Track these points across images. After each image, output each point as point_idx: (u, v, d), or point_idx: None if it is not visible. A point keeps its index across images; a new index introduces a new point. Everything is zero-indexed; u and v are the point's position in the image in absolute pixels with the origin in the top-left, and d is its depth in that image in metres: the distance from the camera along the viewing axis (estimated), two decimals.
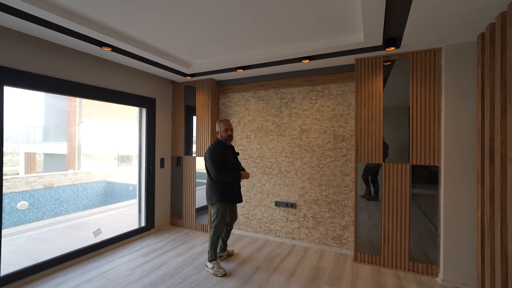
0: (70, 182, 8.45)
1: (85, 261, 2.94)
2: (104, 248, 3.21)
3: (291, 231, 3.54)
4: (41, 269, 2.63)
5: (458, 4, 1.89)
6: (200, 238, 3.65)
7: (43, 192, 7.78)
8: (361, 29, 2.42)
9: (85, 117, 13.89)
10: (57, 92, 2.76)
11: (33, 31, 2.39)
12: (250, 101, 3.83)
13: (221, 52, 3.03)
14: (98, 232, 3.24)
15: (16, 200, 7.14)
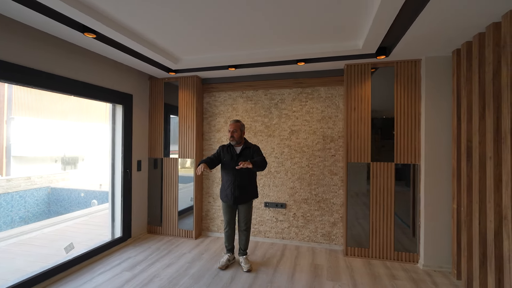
0: (2, 191, 7.09)
1: (56, 283, 2.50)
2: (77, 266, 2.77)
3: (281, 231, 3.57)
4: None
5: (442, 25, 2.15)
6: (186, 245, 3.43)
7: None
8: (359, 37, 2.58)
9: (16, 114, 11.85)
10: (25, 84, 2.29)
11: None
12: (238, 101, 3.75)
13: (214, 49, 2.90)
14: (70, 248, 2.78)
15: None
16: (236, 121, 2.84)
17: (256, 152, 2.80)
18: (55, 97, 12.33)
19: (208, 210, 3.86)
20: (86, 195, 8.26)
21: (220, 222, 3.81)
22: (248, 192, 2.82)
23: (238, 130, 2.81)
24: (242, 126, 2.86)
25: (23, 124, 11.84)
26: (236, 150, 2.85)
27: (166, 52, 2.99)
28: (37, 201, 7.94)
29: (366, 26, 2.29)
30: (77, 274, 2.68)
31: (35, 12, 2.00)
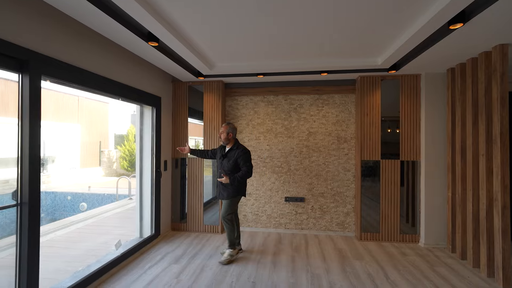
0: None
1: (113, 277, 2.62)
2: (123, 262, 2.89)
3: (300, 222, 3.98)
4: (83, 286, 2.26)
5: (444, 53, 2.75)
6: (216, 239, 3.67)
7: None
8: (378, 55, 3.09)
9: None
10: (85, 86, 2.39)
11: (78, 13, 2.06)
12: (259, 104, 4.08)
13: (247, 57, 3.20)
14: (119, 245, 2.86)
15: None
16: (226, 124, 3.09)
17: (241, 157, 2.96)
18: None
19: None
20: (73, 198, 7.86)
21: (242, 217, 4.10)
22: (227, 191, 3.02)
23: (225, 132, 3.05)
24: (230, 128, 3.06)
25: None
26: (225, 150, 3.13)
27: (206, 58, 3.22)
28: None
29: (390, 50, 2.81)
30: (126, 269, 2.80)
31: (108, 19, 2.15)
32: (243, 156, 2.99)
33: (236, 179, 2.92)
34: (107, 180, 12.29)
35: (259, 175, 4.06)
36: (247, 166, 2.98)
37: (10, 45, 1.71)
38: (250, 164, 3.02)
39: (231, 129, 3.08)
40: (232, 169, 3.00)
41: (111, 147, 16.99)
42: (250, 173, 2.99)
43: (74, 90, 9.32)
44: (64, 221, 4.93)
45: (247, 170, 2.96)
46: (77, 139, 14.86)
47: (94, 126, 16.40)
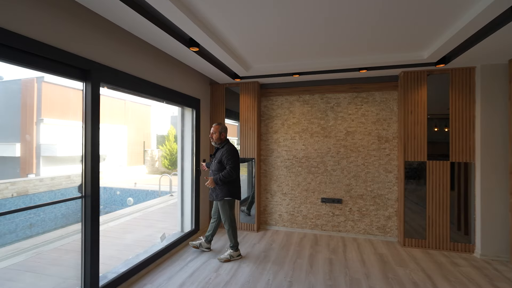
0: (46, 188, 7.46)
1: (158, 267, 2.83)
2: (167, 254, 3.10)
3: (337, 224, 3.87)
4: (132, 274, 2.51)
5: (506, 41, 2.45)
6: (252, 237, 3.75)
7: (15, 201, 6.72)
8: (424, 49, 2.87)
9: (45, 115, 12.26)
10: (136, 91, 2.62)
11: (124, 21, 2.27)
12: (295, 104, 4.06)
13: (284, 58, 3.20)
14: (163, 237, 3.10)
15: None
16: (216, 124, 3.05)
17: (224, 156, 2.93)
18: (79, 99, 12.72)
19: (266, 205, 4.17)
20: (122, 193, 8.63)
21: (278, 216, 4.12)
22: (215, 192, 2.98)
23: (217, 132, 3.01)
24: (222, 128, 3.03)
25: (51, 125, 12.27)
26: (218, 150, 3.10)
27: (243, 60, 3.30)
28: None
29: (438, 42, 2.60)
30: (170, 261, 3.00)
31: (155, 28, 2.32)
32: (226, 154, 2.92)
33: (219, 179, 2.87)
34: (150, 178, 13.23)
35: (295, 175, 4.04)
36: (230, 165, 2.87)
37: (76, 57, 1.95)
38: (233, 163, 2.88)
39: (223, 128, 3.04)
40: (218, 170, 2.98)
41: (153, 147, 18.27)
42: (233, 173, 2.87)
43: (121, 94, 10.11)
44: (114, 214, 5.44)
45: (229, 169, 2.86)
46: (124, 139, 16.26)
47: (139, 127, 17.77)
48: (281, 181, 4.11)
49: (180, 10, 1.96)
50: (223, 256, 3.00)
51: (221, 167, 2.96)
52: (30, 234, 6.53)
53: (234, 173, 2.89)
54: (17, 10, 1.59)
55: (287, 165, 4.08)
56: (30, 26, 1.65)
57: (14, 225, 6.32)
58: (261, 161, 4.20)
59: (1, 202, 6.49)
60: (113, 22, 2.25)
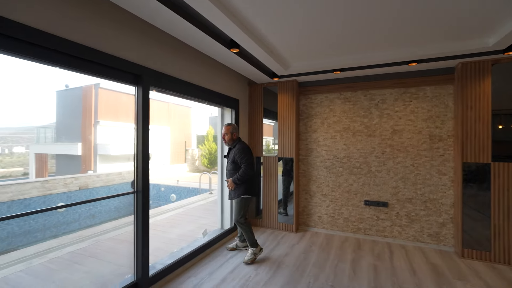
0: (102, 183, 8.33)
1: (202, 261, 2.95)
2: (208, 250, 3.22)
3: (382, 229, 3.63)
4: (178, 266, 2.67)
5: None
6: (291, 238, 3.70)
7: (78, 194, 7.63)
8: (490, 35, 2.53)
9: (100, 118, 13.64)
10: (180, 93, 2.77)
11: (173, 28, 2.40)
12: (335, 102, 3.90)
13: (324, 54, 3.09)
14: (205, 233, 3.24)
15: (55, 202, 7.00)
16: (227, 125, 3.03)
17: (237, 155, 2.89)
18: (128, 103, 13.91)
19: (305, 206, 4.09)
20: (166, 190, 9.23)
21: (317, 218, 4.01)
22: (235, 191, 2.95)
23: (229, 133, 3.00)
24: (233, 129, 3.02)
25: (106, 127, 13.62)
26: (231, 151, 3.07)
27: (282, 58, 3.28)
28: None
29: (508, 26, 2.26)
30: (211, 256, 3.11)
31: (198, 32, 2.41)
32: (239, 153, 2.88)
33: (237, 179, 2.85)
34: (191, 176, 13.91)
35: (335, 175, 3.89)
36: (244, 164, 2.83)
37: (130, 64, 2.13)
38: (247, 160, 2.84)
39: (234, 129, 3.03)
40: (232, 170, 2.96)
41: (193, 146, 19.19)
42: (248, 171, 2.82)
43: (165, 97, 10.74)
44: (160, 209, 5.83)
45: (244, 168, 2.83)
46: (167, 140, 17.36)
47: (180, 128, 18.81)
48: (321, 181, 3.99)
49: (221, 11, 2.01)
50: (247, 257, 2.92)
51: (236, 167, 2.93)
52: (90, 223, 7.34)
53: (249, 170, 2.85)
54: (84, 26, 1.78)
55: (327, 165, 3.94)
56: (93, 38, 1.84)
57: (78, 215, 7.18)
58: (300, 161, 4.13)
59: (68, 194, 7.41)
60: (159, 28, 2.39)
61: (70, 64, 1.75)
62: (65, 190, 7.19)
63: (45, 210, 2.33)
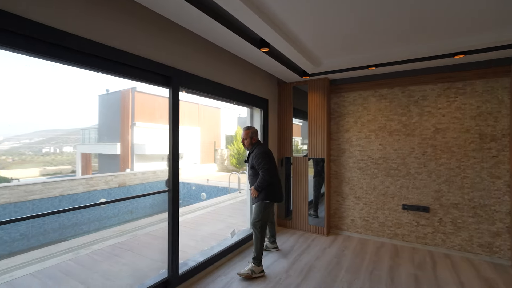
0: (139, 181, 8.84)
1: (232, 260, 2.97)
2: (238, 249, 3.23)
3: (423, 236, 3.35)
4: (208, 265, 2.73)
5: None
6: (322, 241, 3.58)
7: (117, 191, 8.20)
8: None
9: (137, 120, 14.47)
10: (210, 94, 2.82)
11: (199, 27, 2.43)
12: (370, 100, 3.70)
13: (357, 49, 2.94)
14: (234, 233, 3.27)
15: (98, 197, 7.60)
16: (246, 129, 2.90)
17: (255, 160, 2.72)
18: (162, 105, 14.61)
19: (337, 209, 3.94)
20: (197, 188, 9.54)
21: (350, 221, 3.83)
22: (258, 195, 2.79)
23: (248, 138, 2.86)
24: (252, 133, 2.87)
25: (142, 128, 14.44)
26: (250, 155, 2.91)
27: (312, 56, 3.19)
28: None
29: None
30: (240, 256, 3.12)
31: (229, 33, 2.42)
32: (256, 158, 2.71)
33: (258, 186, 2.68)
34: (220, 175, 14.21)
35: (370, 177, 3.69)
36: (262, 170, 2.64)
37: (162, 66, 2.20)
38: (265, 165, 2.65)
39: (253, 133, 2.88)
40: (252, 175, 2.82)
41: (222, 146, 19.59)
42: (266, 177, 2.63)
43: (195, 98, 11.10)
44: (191, 207, 6.03)
45: (262, 174, 2.64)
46: (197, 140, 17.93)
47: (210, 129, 19.32)
48: (354, 183, 3.81)
49: (251, 10, 1.99)
50: (243, 271, 2.63)
51: (255, 172, 2.76)
52: (127, 219, 7.84)
53: (268, 176, 2.64)
54: (121, 32, 1.88)
55: (361, 167, 3.75)
56: (128, 42, 1.94)
57: (117, 211, 7.71)
58: (331, 162, 3.99)
59: (109, 191, 7.99)
60: (187, 29, 2.41)
61: (110, 68, 1.86)
62: (106, 187, 7.78)
63: (90, 206, 2.51)
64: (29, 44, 1.46)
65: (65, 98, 14.18)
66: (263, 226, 2.71)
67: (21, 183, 6.59)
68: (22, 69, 9.71)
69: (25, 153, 19.81)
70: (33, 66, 11.02)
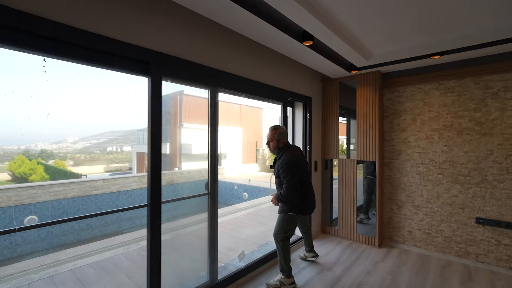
0: (185, 180, 9.29)
1: (272, 268, 2.83)
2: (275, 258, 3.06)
3: (506, 258, 2.75)
4: (248, 271, 2.64)
5: None
6: (373, 253, 3.20)
7: (166, 188, 8.74)
8: None
9: (184, 121, 15.30)
10: (250, 94, 2.71)
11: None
12: (432, 94, 3.19)
13: (422, 34, 2.51)
14: (242, 256, 3.02)
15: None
16: (273, 129, 2.52)
17: (281, 170, 2.34)
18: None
19: (391, 218, 3.49)
20: (239, 188, 9.65)
21: (407, 233, 3.36)
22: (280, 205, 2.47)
23: (274, 140, 2.48)
24: (279, 134, 2.47)
25: (188, 129, 15.23)
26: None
27: (362, 47, 2.85)
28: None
29: None
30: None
31: (269, 27, 2.26)
32: (281, 169, 2.34)
33: (280, 196, 2.36)
34: (261, 175, 14.19)
35: (432, 184, 3.18)
36: (286, 184, 2.28)
37: (205, 68, 2.15)
38: (290, 180, 2.27)
39: (280, 134, 2.48)
40: (278, 185, 2.48)
41: (264, 146, 19.63)
42: (290, 193, 2.28)
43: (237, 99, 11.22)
44: (233, 207, 6.06)
45: (286, 189, 2.29)
46: (239, 140, 18.25)
47: (252, 129, 19.51)
48: (412, 190, 3.33)
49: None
50: (272, 282, 2.46)
51: (280, 182, 2.42)
52: (171, 216, 8.28)
53: (293, 192, 2.29)
54: (167, 37, 1.87)
55: (421, 171, 3.26)
56: (174, 46, 1.92)
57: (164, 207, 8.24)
58: (384, 165, 3.55)
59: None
60: (221, 24, 2.28)
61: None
62: None
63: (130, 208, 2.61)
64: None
65: (124, 102, 15.81)
66: (286, 240, 2.44)
67: (87, 179, 7.46)
68: (87, 79, 11.33)
69: (93, 151, 22.61)
70: (92, 72, 12.74)
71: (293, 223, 2.45)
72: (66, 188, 6.67)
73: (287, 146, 2.50)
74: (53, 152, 15.92)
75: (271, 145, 2.52)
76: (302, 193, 2.42)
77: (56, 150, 16.38)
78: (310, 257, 2.99)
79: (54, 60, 1.50)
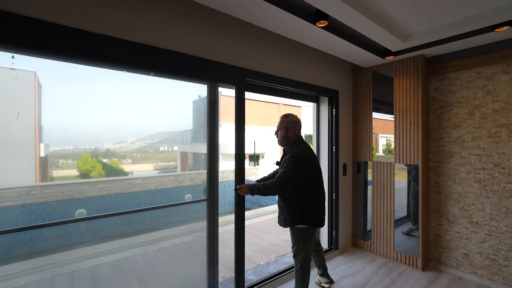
0: (220, 179, 9.36)
1: (288, 282, 2.49)
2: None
3: None
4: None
5: None
6: (414, 277, 2.62)
7: (201, 186, 8.92)
8: None
9: (223, 121, 15.59)
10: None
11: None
12: (497, 79, 2.47)
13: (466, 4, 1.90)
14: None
15: (184, 192, 8.47)
16: (283, 117, 2.16)
17: (286, 162, 1.96)
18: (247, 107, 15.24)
19: (439, 236, 2.84)
20: None
21: (462, 256, 2.68)
22: (283, 215, 2.05)
23: (282, 128, 2.10)
24: (289, 123, 2.08)
25: (226, 129, 15.48)
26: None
27: (396, 25, 2.32)
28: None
29: None
30: None
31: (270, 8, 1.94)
32: (288, 160, 1.95)
33: (256, 188, 1.95)
34: None
35: (498, 195, 2.46)
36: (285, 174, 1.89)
37: (232, 68, 1.98)
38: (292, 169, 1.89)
39: (291, 122, 2.08)
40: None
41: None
42: (278, 184, 1.87)
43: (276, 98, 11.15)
44: (260, 210, 5.80)
45: (280, 178, 1.89)
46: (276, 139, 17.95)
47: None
48: (468, 202, 2.64)
49: None
50: None
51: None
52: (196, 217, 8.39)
53: (285, 186, 1.89)
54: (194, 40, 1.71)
55: (481, 179, 2.56)
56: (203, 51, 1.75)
57: (201, 206, 8.41)
58: (430, 169, 2.91)
59: (193, 187, 8.78)
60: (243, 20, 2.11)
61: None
62: (191, 183, 8.58)
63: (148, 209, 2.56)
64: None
65: (174, 106, 16.89)
66: (306, 259, 2.05)
67: (128, 177, 8.01)
68: (142, 85, 12.46)
69: (148, 151, 24.73)
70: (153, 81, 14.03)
71: (308, 237, 2.03)
72: (110, 185, 7.22)
73: (300, 140, 2.09)
74: (115, 151, 17.76)
75: (279, 135, 2.15)
76: (316, 203, 2.01)
77: (118, 149, 18.24)
78: (324, 282, 2.47)
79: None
